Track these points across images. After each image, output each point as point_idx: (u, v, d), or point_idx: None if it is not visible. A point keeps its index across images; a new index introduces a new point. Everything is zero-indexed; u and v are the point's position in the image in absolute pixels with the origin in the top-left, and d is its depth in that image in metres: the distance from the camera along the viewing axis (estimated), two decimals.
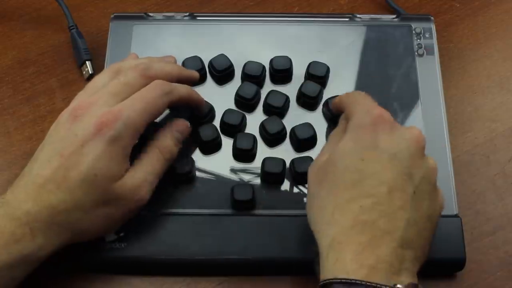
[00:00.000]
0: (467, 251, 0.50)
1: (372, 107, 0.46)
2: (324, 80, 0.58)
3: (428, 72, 0.58)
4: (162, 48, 0.59)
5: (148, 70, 0.50)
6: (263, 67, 0.58)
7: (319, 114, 0.56)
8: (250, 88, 0.56)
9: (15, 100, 0.60)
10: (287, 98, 0.56)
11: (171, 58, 0.56)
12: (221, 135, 0.55)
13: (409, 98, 0.57)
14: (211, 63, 0.58)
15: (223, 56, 0.58)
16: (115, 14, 0.61)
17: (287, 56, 0.58)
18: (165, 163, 0.50)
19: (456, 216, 0.52)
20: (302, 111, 0.57)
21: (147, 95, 0.48)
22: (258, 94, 0.57)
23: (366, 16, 0.62)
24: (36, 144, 0.50)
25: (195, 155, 0.54)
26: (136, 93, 0.48)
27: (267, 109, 0.56)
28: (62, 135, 0.46)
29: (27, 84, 0.61)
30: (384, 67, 0.59)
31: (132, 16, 0.61)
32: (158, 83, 0.49)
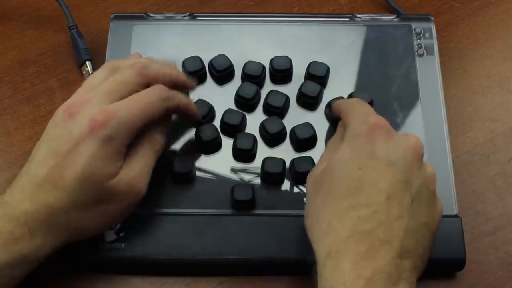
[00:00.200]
0: (467, 251, 0.50)
1: (369, 115, 0.46)
2: (324, 80, 0.58)
3: (428, 72, 0.58)
4: (162, 48, 0.59)
5: (146, 69, 0.49)
6: (263, 67, 0.58)
7: (319, 114, 0.56)
8: (250, 88, 0.56)
9: (15, 100, 0.60)
10: (287, 98, 0.56)
11: (171, 63, 0.55)
12: (221, 135, 0.55)
13: (409, 98, 0.57)
14: (211, 63, 0.58)
15: (223, 56, 0.58)
16: (115, 14, 0.61)
17: (287, 56, 0.58)
18: (156, 154, 0.49)
19: (456, 216, 0.52)
20: (302, 111, 0.57)
21: (145, 98, 0.47)
22: (258, 94, 0.57)
23: (366, 16, 0.62)
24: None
25: (195, 155, 0.54)
26: (135, 94, 0.47)
27: (267, 109, 0.56)
28: (57, 133, 0.46)
29: (27, 84, 0.61)
30: (384, 67, 0.59)
31: (132, 16, 0.61)
32: (158, 87, 0.48)
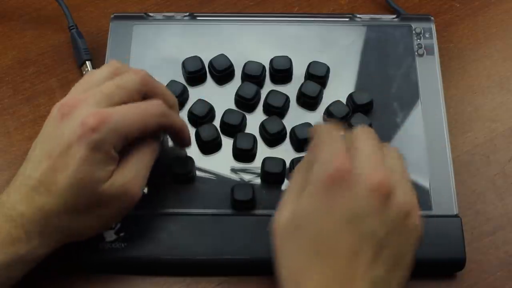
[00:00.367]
0: (467, 251, 0.50)
1: (334, 156, 0.42)
2: (324, 80, 0.58)
3: (428, 72, 0.58)
4: (162, 48, 0.59)
5: (150, 78, 0.48)
6: (263, 67, 0.58)
7: (319, 114, 0.56)
8: (250, 88, 0.56)
9: (15, 100, 0.60)
10: (287, 98, 0.56)
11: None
12: (221, 135, 0.55)
13: (409, 98, 0.57)
14: (211, 63, 0.58)
15: (223, 56, 0.58)
16: (115, 14, 0.61)
17: (287, 56, 0.58)
18: (153, 156, 0.48)
19: (456, 216, 0.52)
20: (302, 111, 0.57)
21: (143, 110, 0.46)
22: (258, 94, 0.57)
23: (366, 16, 0.62)
24: None
25: (195, 155, 0.54)
26: (134, 103, 0.46)
27: (267, 109, 0.56)
28: (51, 134, 0.45)
29: (27, 84, 0.61)
30: (384, 67, 0.59)
31: (132, 16, 0.61)
32: (159, 102, 0.47)
